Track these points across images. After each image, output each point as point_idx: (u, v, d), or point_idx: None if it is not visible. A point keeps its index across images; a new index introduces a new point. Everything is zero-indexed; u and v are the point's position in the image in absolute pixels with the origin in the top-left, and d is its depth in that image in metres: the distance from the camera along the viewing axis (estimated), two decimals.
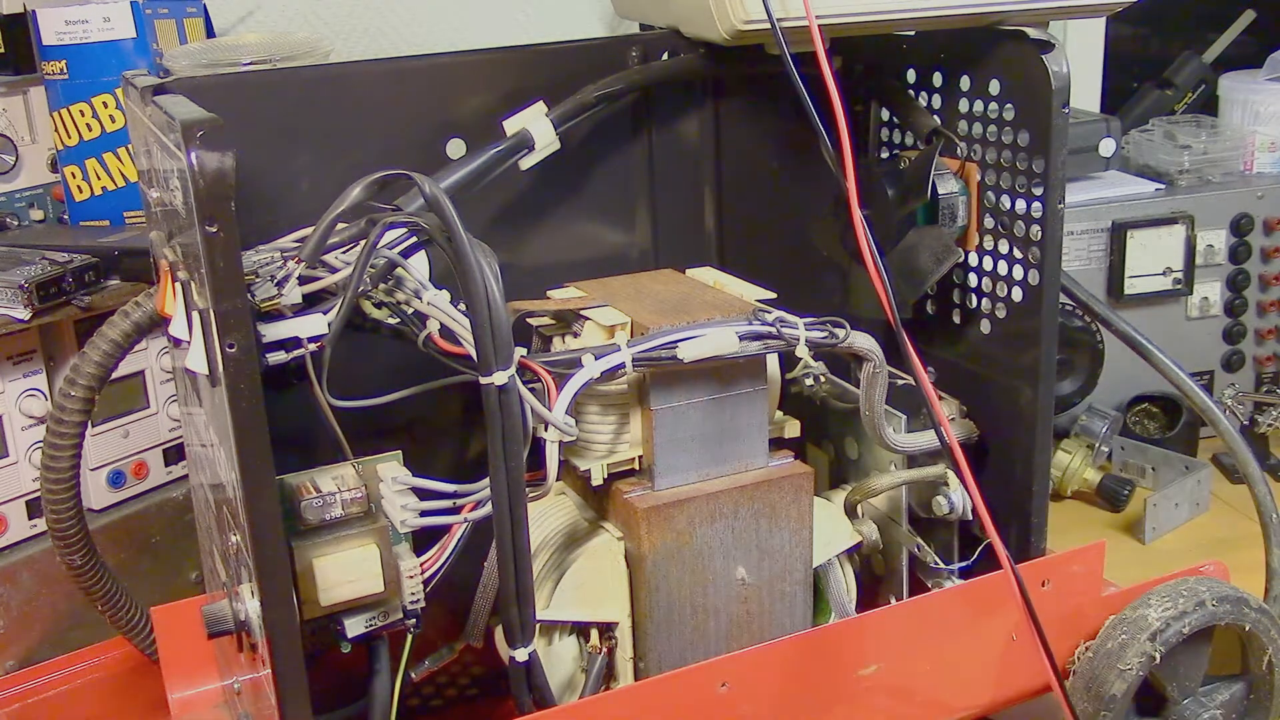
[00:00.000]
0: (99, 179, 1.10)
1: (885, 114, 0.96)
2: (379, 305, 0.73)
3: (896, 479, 0.85)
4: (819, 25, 0.74)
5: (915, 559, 0.88)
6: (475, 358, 0.68)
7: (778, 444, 0.82)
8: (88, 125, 1.09)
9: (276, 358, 0.67)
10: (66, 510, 0.81)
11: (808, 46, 0.74)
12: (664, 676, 0.75)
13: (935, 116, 0.88)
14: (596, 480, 0.78)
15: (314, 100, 0.82)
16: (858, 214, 0.72)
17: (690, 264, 0.92)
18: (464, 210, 0.68)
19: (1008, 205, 0.84)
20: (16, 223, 1.12)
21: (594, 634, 0.79)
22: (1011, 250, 0.85)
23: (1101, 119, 1.39)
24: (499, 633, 0.78)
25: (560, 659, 0.79)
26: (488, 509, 0.70)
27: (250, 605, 0.66)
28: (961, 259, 0.87)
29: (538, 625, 0.74)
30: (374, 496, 0.72)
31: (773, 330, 0.76)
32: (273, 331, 0.66)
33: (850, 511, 0.87)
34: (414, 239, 0.70)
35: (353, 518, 0.71)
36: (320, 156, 0.82)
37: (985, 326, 0.89)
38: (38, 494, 0.85)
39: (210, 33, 1.21)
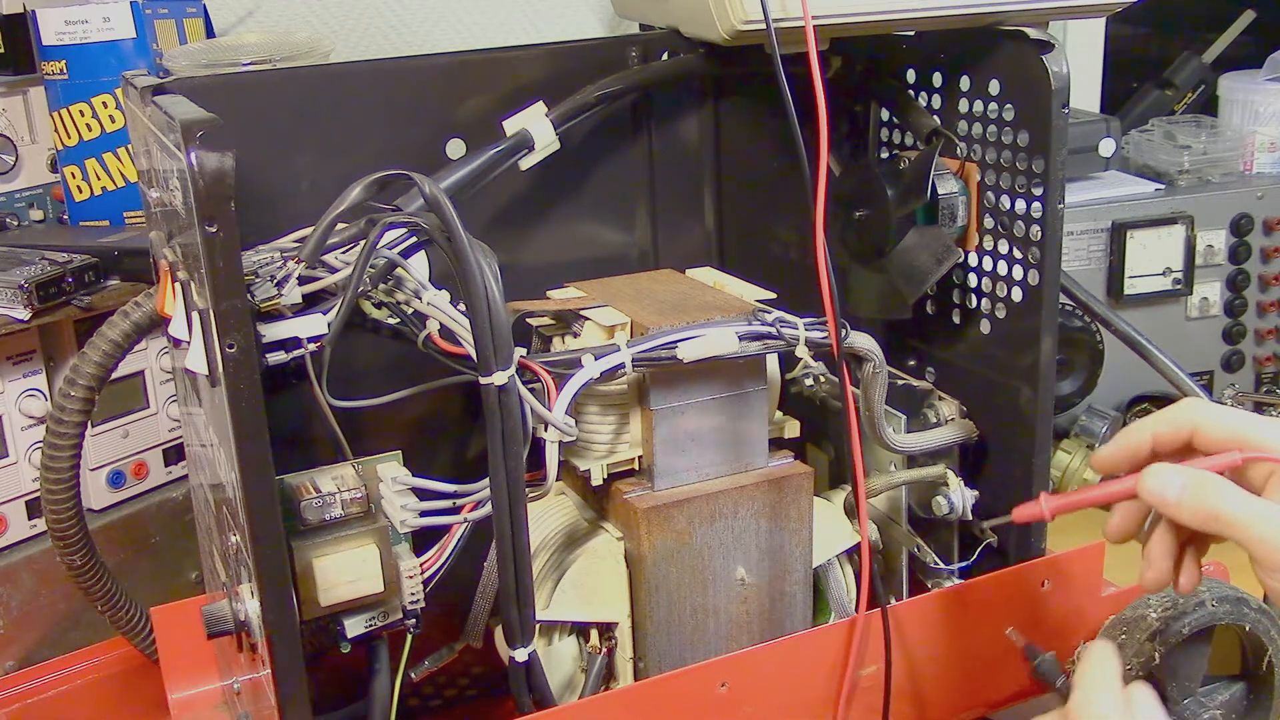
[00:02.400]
0: (99, 179, 1.10)
1: (885, 114, 0.96)
2: (379, 305, 0.73)
3: (896, 479, 0.85)
4: (818, 25, 0.74)
5: (915, 559, 0.88)
6: (475, 358, 0.68)
7: (778, 444, 0.82)
8: (87, 125, 1.09)
9: (276, 358, 0.67)
10: (66, 510, 0.81)
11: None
12: (664, 676, 0.75)
13: (935, 116, 0.88)
14: (596, 480, 0.78)
15: (314, 100, 0.82)
16: (820, 221, 0.72)
17: (690, 264, 0.92)
18: (464, 210, 0.69)
19: (1008, 205, 0.84)
20: (16, 223, 1.12)
21: (594, 634, 0.79)
22: (1011, 250, 0.85)
23: (1101, 119, 1.39)
24: (499, 633, 0.78)
25: (560, 659, 0.79)
26: (488, 509, 0.70)
27: (250, 605, 0.66)
28: (961, 259, 0.87)
29: (538, 625, 0.74)
30: (374, 496, 0.72)
31: (773, 330, 0.76)
32: (273, 331, 0.66)
33: (850, 511, 0.86)
34: (414, 239, 0.70)
35: (353, 518, 0.71)
36: (320, 156, 0.82)
37: (985, 326, 0.89)
38: (38, 494, 0.85)
39: (210, 33, 1.21)
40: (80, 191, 1.11)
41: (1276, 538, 0.56)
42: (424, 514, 0.71)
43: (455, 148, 0.86)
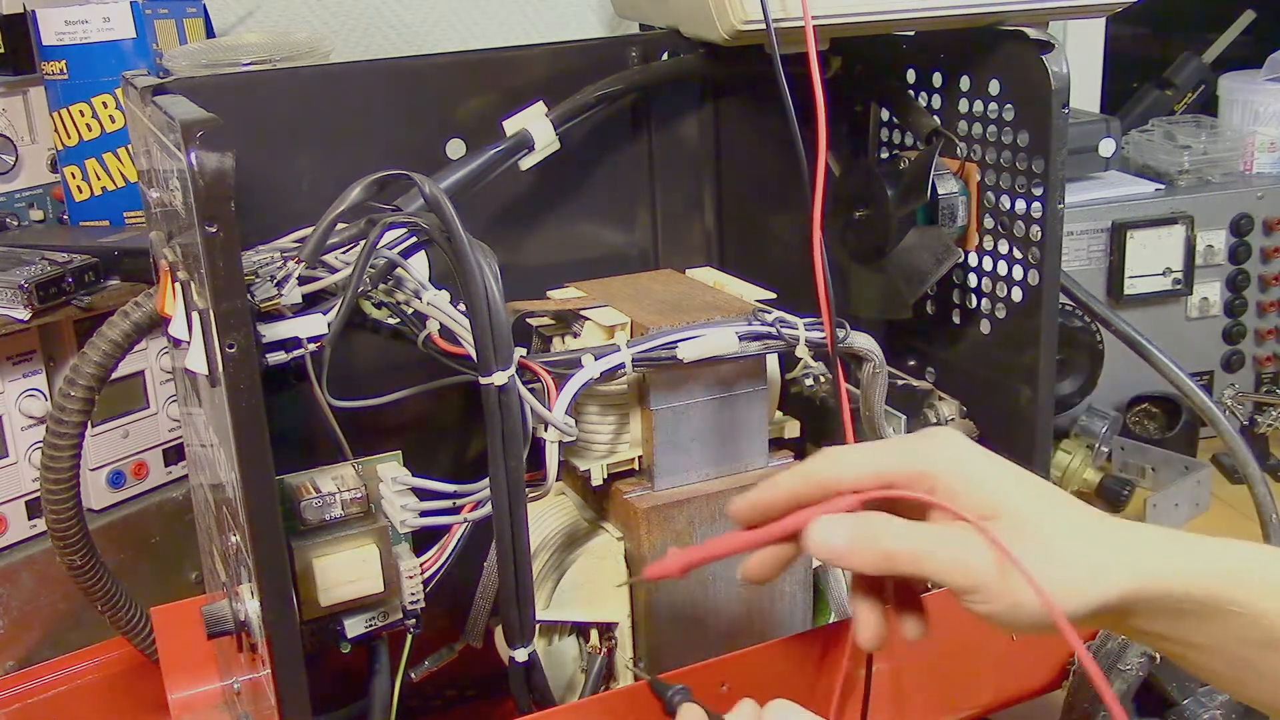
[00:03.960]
0: (99, 179, 1.10)
1: (885, 114, 0.96)
2: (379, 305, 0.73)
3: None
4: (818, 25, 0.74)
5: None
6: (475, 358, 0.68)
7: (778, 444, 0.82)
8: (88, 125, 1.09)
9: (276, 358, 0.67)
10: (66, 510, 0.81)
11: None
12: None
13: (935, 116, 0.88)
14: (596, 480, 0.78)
15: (314, 100, 0.82)
16: (818, 221, 0.72)
17: (690, 264, 0.92)
18: (464, 210, 0.69)
19: (1007, 205, 0.84)
20: (16, 223, 1.12)
21: (594, 634, 0.79)
22: (1011, 250, 0.85)
23: (1101, 119, 1.39)
24: (499, 633, 0.78)
25: (560, 659, 0.79)
26: (488, 509, 0.70)
27: (250, 605, 0.66)
28: (961, 259, 0.87)
29: (538, 625, 0.74)
30: (374, 496, 0.72)
31: (773, 330, 0.76)
32: (273, 331, 0.66)
33: None
34: (414, 239, 0.70)
35: (353, 518, 0.71)
36: (320, 156, 0.82)
37: (985, 326, 0.89)
38: (38, 494, 0.85)
39: (210, 33, 1.21)
40: (80, 191, 1.11)
41: (960, 557, 0.52)
42: (424, 514, 0.71)
43: (455, 148, 0.86)
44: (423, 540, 0.73)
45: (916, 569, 0.54)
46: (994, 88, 0.84)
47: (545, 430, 0.71)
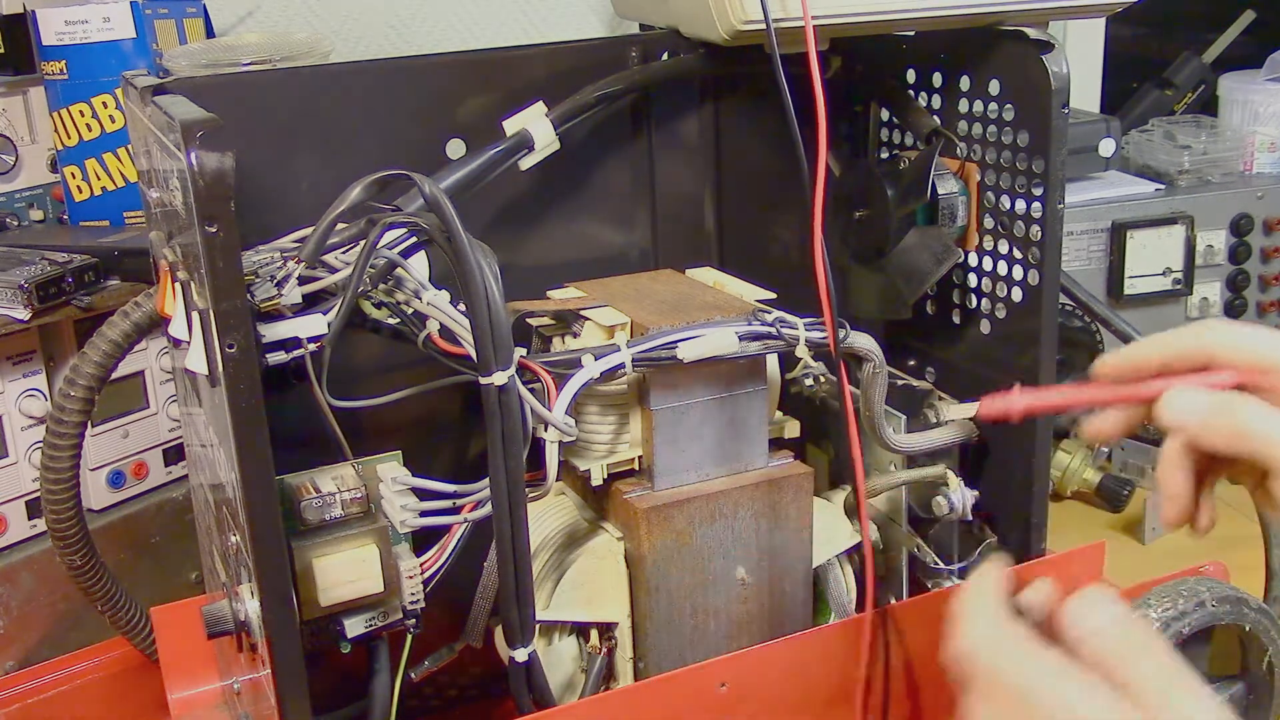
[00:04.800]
0: (99, 179, 1.10)
1: (885, 114, 0.96)
2: (379, 305, 0.73)
3: (896, 479, 0.85)
4: (818, 25, 0.74)
5: (915, 559, 0.88)
6: (475, 358, 0.68)
7: (778, 444, 0.82)
8: (87, 125, 1.09)
9: (276, 358, 0.67)
10: (66, 510, 0.81)
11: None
12: (664, 676, 0.75)
13: (935, 116, 0.88)
14: (596, 480, 0.78)
15: (314, 100, 0.82)
16: (819, 221, 0.72)
17: (690, 264, 0.92)
18: (464, 210, 0.68)
19: (1007, 205, 0.84)
20: (16, 223, 1.12)
21: (594, 634, 0.79)
22: (1011, 250, 0.85)
23: (1101, 119, 1.39)
24: (499, 633, 0.78)
25: (560, 659, 0.79)
26: (488, 509, 0.70)
27: (250, 605, 0.66)
28: (961, 259, 0.87)
29: (538, 625, 0.74)
30: (374, 496, 0.72)
31: (773, 330, 0.76)
32: (273, 331, 0.66)
33: (850, 511, 0.87)
34: (414, 239, 0.70)
35: (353, 518, 0.71)
36: (320, 156, 0.82)
37: (985, 326, 0.89)
38: (38, 494, 0.85)
39: (210, 33, 1.21)
40: (80, 191, 1.11)
41: None
42: (424, 514, 0.71)
43: (455, 148, 0.86)
44: (423, 540, 0.73)
45: (1270, 449, 0.55)
46: (994, 88, 0.84)
47: (545, 430, 0.71)
